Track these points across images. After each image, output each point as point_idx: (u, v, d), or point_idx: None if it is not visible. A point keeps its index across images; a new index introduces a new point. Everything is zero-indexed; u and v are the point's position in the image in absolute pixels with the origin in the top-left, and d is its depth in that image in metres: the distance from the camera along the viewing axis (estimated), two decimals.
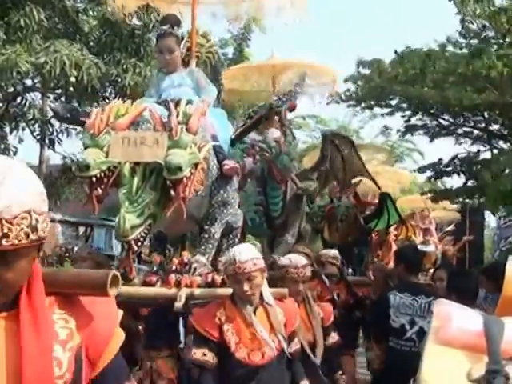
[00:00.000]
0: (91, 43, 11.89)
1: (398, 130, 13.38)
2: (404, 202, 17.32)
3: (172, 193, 4.03)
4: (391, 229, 10.36)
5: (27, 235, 1.56)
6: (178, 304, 4.11)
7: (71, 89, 11.75)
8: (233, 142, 5.14)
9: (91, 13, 12.12)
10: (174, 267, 4.48)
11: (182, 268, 4.47)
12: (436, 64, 10.22)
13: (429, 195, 12.81)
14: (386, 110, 12.76)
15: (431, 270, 10.07)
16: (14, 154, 12.76)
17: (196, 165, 4.14)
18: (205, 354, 3.89)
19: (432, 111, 12.22)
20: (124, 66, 11.52)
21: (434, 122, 12.81)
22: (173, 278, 4.30)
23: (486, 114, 11.71)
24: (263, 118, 5.08)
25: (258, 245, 6.43)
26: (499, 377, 1.99)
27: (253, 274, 3.85)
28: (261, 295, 3.98)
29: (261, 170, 6.29)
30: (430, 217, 13.79)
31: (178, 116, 4.16)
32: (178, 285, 4.27)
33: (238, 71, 8.88)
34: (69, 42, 11.10)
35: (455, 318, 2.18)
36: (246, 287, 3.84)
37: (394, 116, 12.91)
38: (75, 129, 12.32)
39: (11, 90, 12.11)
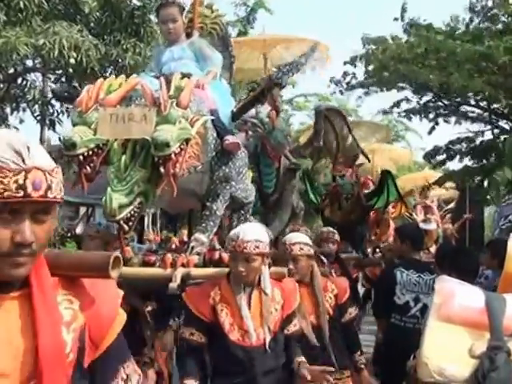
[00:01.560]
0: (91, 24, 11.76)
1: (399, 114, 13.25)
2: (404, 180, 17.29)
3: (161, 170, 3.93)
4: (389, 207, 10.32)
5: (61, 190, 1.63)
6: (173, 285, 3.98)
7: (71, 70, 11.64)
8: (235, 117, 4.95)
9: None
10: (172, 246, 4.38)
11: (180, 247, 4.37)
12: (441, 46, 10.02)
13: (432, 176, 12.78)
14: (389, 93, 12.66)
15: (432, 248, 10.07)
16: None
17: (187, 140, 4.02)
18: (192, 334, 3.82)
19: (435, 91, 12.08)
20: (124, 47, 11.41)
21: (437, 104, 12.68)
22: (169, 257, 4.17)
23: (488, 94, 11.54)
24: (265, 91, 4.92)
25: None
26: (501, 353, 2.01)
27: (252, 257, 3.72)
28: (259, 280, 3.86)
29: (254, 146, 6.19)
30: (433, 195, 13.71)
31: (169, 91, 4.06)
32: (174, 264, 4.14)
33: None
34: (69, 24, 11.00)
35: (457, 295, 2.18)
36: (241, 267, 3.73)
37: (392, 95, 12.79)
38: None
39: (11, 71, 12.01)
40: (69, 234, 14.79)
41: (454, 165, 13.31)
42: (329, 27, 63.36)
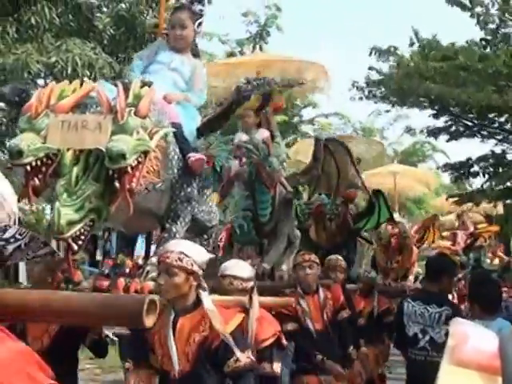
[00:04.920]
0: (105, 41, 11.61)
1: (422, 131, 12.91)
2: (435, 206, 16.83)
3: (116, 184, 3.56)
4: (412, 232, 9.90)
5: None
6: None
7: None
8: (200, 133, 4.66)
9: (105, 10, 11.83)
10: (126, 270, 4.02)
11: (135, 271, 4.01)
12: (456, 59, 9.71)
13: (454, 198, 12.42)
14: (410, 110, 12.42)
15: None
16: None
17: (145, 153, 3.67)
18: None
19: (455, 112, 11.72)
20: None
21: (458, 123, 12.30)
22: (122, 282, 3.84)
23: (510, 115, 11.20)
24: (233, 105, 4.64)
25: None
26: None
27: (173, 270, 3.37)
28: (199, 301, 3.48)
29: (248, 173, 6.03)
30: (468, 222, 13.20)
31: (127, 98, 3.71)
32: (126, 290, 3.82)
33: (222, 68, 8.51)
34: (82, 41, 10.86)
35: (471, 339, 2.16)
36: (161, 280, 3.43)
37: (419, 116, 12.57)
38: None
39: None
40: None
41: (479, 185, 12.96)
42: (340, 44, 63.02)
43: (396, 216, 10.11)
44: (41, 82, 12.00)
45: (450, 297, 6.81)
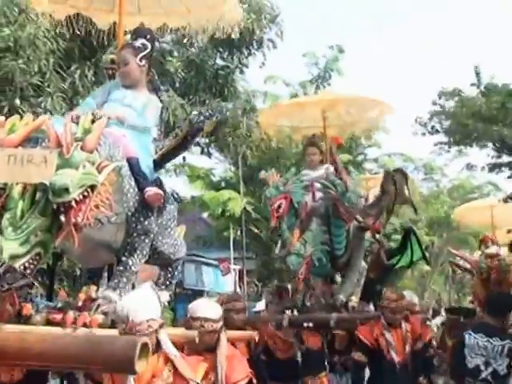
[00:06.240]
0: (177, 84, 11.93)
1: (483, 168, 12.37)
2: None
3: (62, 218, 3.52)
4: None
5: None
6: None
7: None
8: (157, 165, 4.64)
9: (176, 54, 12.16)
10: (79, 303, 3.95)
11: (88, 304, 3.94)
12: None
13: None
14: (471, 149, 11.94)
15: None
16: None
17: (92, 187, 3.60)
18: None
19: None
20: (209, 106, 11.47)
21: None
22: (71, 315, 3.76)
23: None
24: (189, 137, 4.58)
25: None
26: None
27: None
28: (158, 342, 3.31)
29: (324, 208, 6.32)
30: None
31: (76, 133, 3.68)
32: (74, 324, 3.72)
33: (287, 108, 8.54)
34: None
35: None
36: None
37: (480, 153, 12.06)
38: None
39: None
40: None
41: None
42: (400, 85, 61.58)
43: (495, 250, 9.64)
44: None
45: None
